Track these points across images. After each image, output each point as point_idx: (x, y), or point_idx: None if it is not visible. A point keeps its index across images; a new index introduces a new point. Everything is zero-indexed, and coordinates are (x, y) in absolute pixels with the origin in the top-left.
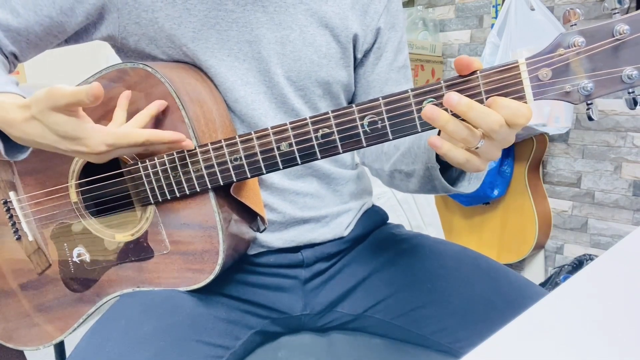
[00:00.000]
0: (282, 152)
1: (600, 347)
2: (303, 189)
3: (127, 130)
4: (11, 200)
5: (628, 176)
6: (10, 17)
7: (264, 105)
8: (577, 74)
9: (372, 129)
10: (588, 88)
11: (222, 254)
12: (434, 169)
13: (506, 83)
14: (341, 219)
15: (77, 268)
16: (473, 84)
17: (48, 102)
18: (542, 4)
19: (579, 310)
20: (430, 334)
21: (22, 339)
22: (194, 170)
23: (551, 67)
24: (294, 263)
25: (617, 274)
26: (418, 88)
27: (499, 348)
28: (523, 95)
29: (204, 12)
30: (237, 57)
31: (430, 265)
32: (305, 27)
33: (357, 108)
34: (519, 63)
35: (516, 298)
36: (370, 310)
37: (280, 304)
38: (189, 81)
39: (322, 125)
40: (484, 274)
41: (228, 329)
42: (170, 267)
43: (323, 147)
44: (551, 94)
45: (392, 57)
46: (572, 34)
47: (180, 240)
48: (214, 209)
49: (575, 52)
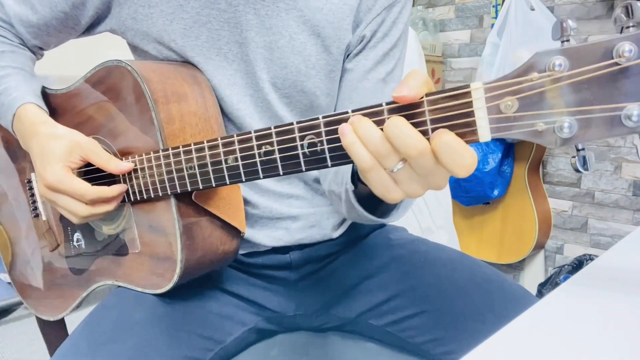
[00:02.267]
0: (229, 165)
1: (600, 347)
2: (288, 191)
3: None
4: (32, 181)
5: (628, 176)
6: (30, 12)
7: (249, 107)
8: (554, 108)
9: (311, 152)
10: (566, 128)
11: (180, 263)
12: (349, 190)
13: (455, 112)
14: (330, 220)
15: (76, 252)
16: (417, 110)
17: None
18: (542, 4)
19: (578, 310)
20: (421, 343)
21: (39, 308)
22: (157, 174)
23: (517, 95)
24: (282, 264)
25: (617, 274)
26: (361, 109)
27: (499, 348)
28: (475, 131)
29: (196, 10)
30: (226, 57)
31: (424, 274)
32: (296, 34)
33: (297, 126)
34: (472, 89)
35: (509, 313)
36: (363, 315)
37: (272, 303)
38: (173, 82)
39: (265, 142)
40: (477, 285)
41: (220, 324)
42: (140, 267)
43: (265, 166)
44: (515, 132)
45: (371, 65)
46: (551, 52)
47: (148, 242)
48: (173, 215)
49: (553, 78)
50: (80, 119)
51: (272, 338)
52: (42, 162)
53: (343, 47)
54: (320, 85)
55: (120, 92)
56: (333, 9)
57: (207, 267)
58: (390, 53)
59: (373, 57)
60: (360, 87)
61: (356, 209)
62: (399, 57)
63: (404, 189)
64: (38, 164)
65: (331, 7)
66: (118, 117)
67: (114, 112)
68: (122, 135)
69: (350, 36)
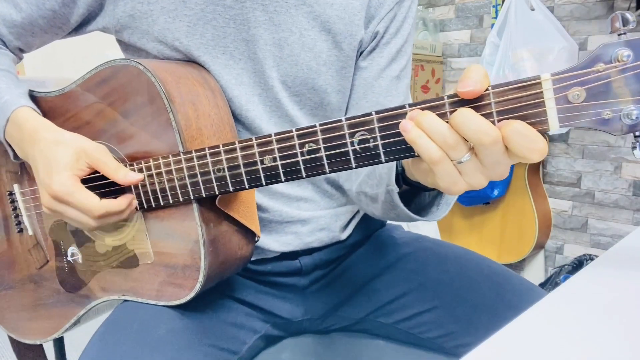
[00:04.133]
0: (266, 166)
1: (600, 347)
2: (298, 194)
3: None
4: (15, 193)
5: (628, 176)
6: (14, 11)
7: (258, 107)
8: (621, 97)
9: (363, 148)
10: (634, 116)
11: (204, 270)
12: (393, 192)
13: (524, 104)
14: (339, 222)
15: (70, 267)
16: (483, 102)
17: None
18: (542, 4)
19: (579, 311)
20: (434, 338)
21: (23, 330)
22: (178, 179)
23: (585, 86)
24: (291, 271)
25: (617, 274)
26: (418, 103)
27: (499, 348)
28: (545, 120)
29: (200, 6)
30: (232, 56)
31: (432, 270)
32: (306, 31)
33: (347, 123)
34: (542, 79)
35: (519, 304)
36: (372, 314)
37: (280, 310)
38: (185, 82)
39: (308, 140)
40: (487, 278)
41: (235, 333)
42: (153, 279)
43: (308, 165)
44: (583, 121)
45: (386, 63)
46: (616, 45)
47: (163, 251)
48: (197, 221)
49: (619, 69)
50: (77, 123)
51: (279, 343)
52: (47, 170)
53: (355, 44)
54: (332, 82)
55: (130, 93)
56: (344, 4)
57: (226, 273)
58: (402, 49)
59: (387, 55)
60: (376, 86)
61: (398, 210)
62: (410, 53)
63: (468, 180)
64: (42, 173)
65: (342, 2)
66: (126, 119)
67: (120, 115)
68: (130, 139)
69: (363, 32)
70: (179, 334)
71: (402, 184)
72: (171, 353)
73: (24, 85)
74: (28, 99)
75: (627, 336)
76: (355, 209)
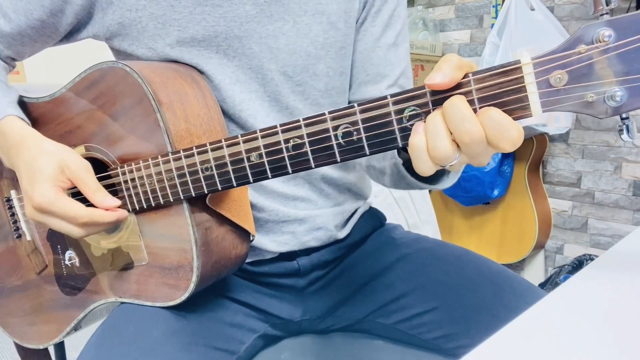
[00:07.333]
0: (252, 163)
1: (600, 347)
2: (294, 193)
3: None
4: (12, 199)
5: (628, 176)
6: (3, 22)
7: (254, 104)
8: (604, 79)
9: (347, 141)
10: (618, 97)
11: (197, 270)
12: (398, 164)
13: (505, 89)
14: (335, 221)
15: (68, 271)
16: (463, 89)
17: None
18: (542, 4)
19: (578, 311)
20: (433, 339)
21: (26, 335)
22: (167, 179)
23: (567, 68)
24: (289, 272)
25: (617, 274)
26: (398, 94)
27: (499, 348)
28: (527, 106)
29: (189, 9)
30: (226, 54)
31: (432, 271)
32: (299, 17)
33: (329, 115)
34: (522, 64)
35: (519, 305)
36: (371, 315)
37: (279, 310)
38: (173, 83)
39: (292, 135)
40: (487, 279)
41: (232, 333)
42: (149, 280)
43: (294, 160)
44: (567, 105)
45: (380, 32)
46: (597, 25)
47: (157, 252)
48: (187, 221)
49: (601, 50)
50: (68, 127)
51: (278, 343)
52: (30, 181)
53: (351, 20)
54: (333, 64)
55: (118, 95)
56: None
57: (220, 273)
58: (395, 14)
59: (380, 22)
60: (374, 57)
61: (407, 179)
62: (404, 16)
63: None
64: (25, 183)
65: None
66: (115, 122)
67: (110, 117)
68: (120, 141)
69: (357, 5)
70: (175, 335)
71: None
72: (168, 355)
73: (14, 93)
74: (16, 108)
75: (627, 336)
76: (354, 208)
